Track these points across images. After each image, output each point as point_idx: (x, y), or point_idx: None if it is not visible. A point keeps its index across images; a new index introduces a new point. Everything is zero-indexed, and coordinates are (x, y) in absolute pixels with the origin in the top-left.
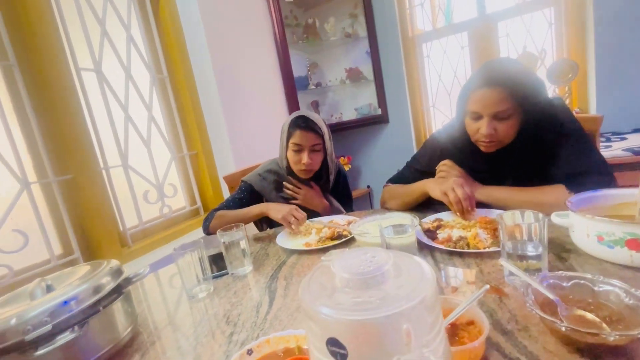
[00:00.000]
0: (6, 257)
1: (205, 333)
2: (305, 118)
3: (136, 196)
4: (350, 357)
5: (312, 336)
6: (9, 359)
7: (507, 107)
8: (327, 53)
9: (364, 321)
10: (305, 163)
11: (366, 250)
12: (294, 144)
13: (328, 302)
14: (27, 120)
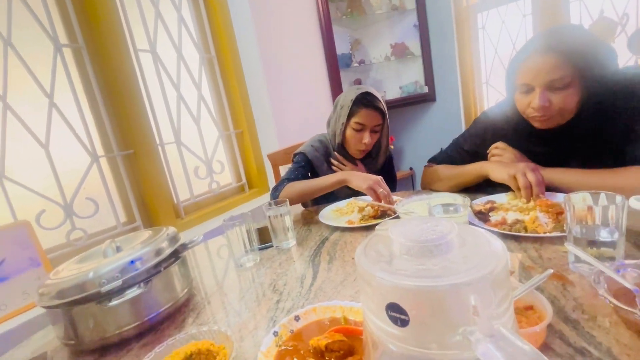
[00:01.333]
0: (81, 221)
1: (253, 299)
2: (372, 95)
3: (188, 171)
4: (412, 324)
5: (369, 301)
6: (89, 307)
7: (563, 75)
8: (371, 28)
9: (428, 288)
10: (366, 143)
11: (426, 219)
12: (356, 122)
13: (388, 267)
14: (94, 100)
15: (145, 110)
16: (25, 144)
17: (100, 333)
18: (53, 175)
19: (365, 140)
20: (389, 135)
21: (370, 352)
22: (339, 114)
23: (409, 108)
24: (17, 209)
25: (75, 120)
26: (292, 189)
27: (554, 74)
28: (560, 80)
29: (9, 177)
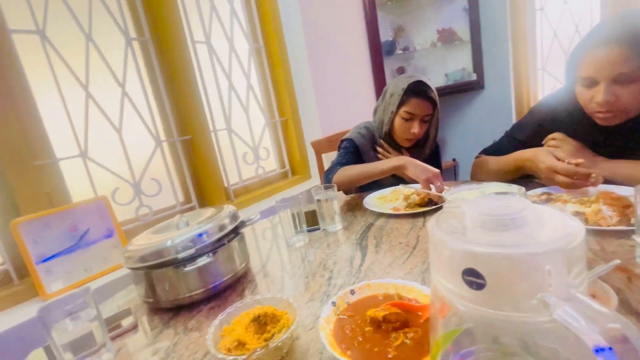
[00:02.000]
0: (147, 199)
1: (306, 274)
2: (425, 84)
3: (237, 157)
4: (488, 288)
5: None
6: (166, 271)
7: (633, 68)
8: (416, 13)
9: (506, 255)
10: (415, 133)
11: (499, 197)
12: (406, 112)
13: (463, 238)
14: (158, 89)
15: (200, 98)
16: (103, 129)
17: (174, 294)
18: (125, 157)
19: (414, 130)
20: (438, 126)
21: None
22: (388, 102)
23: (455, 96)
24: (97, 186)
25: (142, 107)
26: (346, 172)
27: (622, 68)
28: (629, 75)
29: (91, 158)
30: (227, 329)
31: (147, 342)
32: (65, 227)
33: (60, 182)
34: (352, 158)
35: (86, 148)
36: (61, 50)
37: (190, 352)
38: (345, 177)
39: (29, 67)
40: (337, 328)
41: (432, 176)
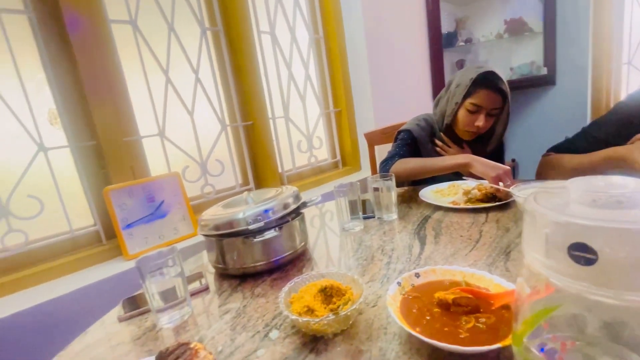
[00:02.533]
0: (211, 178)
1: (365, 257)
2: (495, 76)
3: (292, 144)
4: (599, 263)
5: (540, 244)
6: (235, 240)
7: None
8: (482, 3)
9: (625, 230)
10: (480, 126)
11: (607, 177)
12: (472, 103)
13: (569, 211)
14: (225, 77)
15: (262, 86)
16: (178, 111)
17: (242, 263)
18: (195, 138)
19: (478, 123)
20: (507, 122)
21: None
22: (453, 93)
23: (520, 92)
24: (171, 163)
25: (211, 93)
26: (405, 165)
27: None
28: None
29: (167, 137)
30: (295, 296)
31: (219, 303)
32: (145, 198)
33: (142, 157)
34: (409, 150)
35: (164, 128)
36: (148, 39)
37: (259, 314)
38: (403, 170)
39: (122, 54)
40: (403, 306)
41: (503, 173)
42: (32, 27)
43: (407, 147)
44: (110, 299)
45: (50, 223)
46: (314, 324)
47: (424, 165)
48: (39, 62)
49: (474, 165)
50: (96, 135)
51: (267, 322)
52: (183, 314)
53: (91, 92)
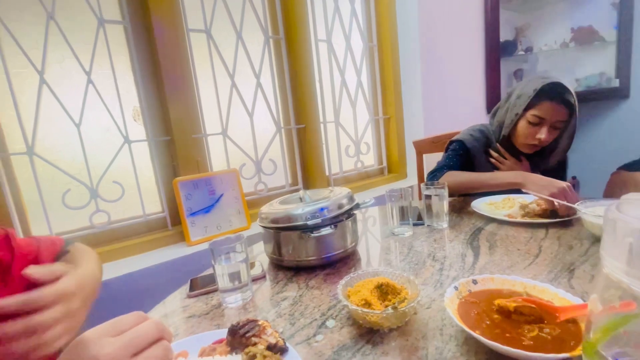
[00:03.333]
0: (264, 177)
1: (416, 262)
2: (562, 87)
3: (341, 148)
4: None
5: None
6: (294, 234)
7: None
8: (546, 10)
9: None
10: (542, 139)
11: None
12: (535, 115)
13: None
14: (283, 82)
15: (316, 92)
16: (239, 112)
17: (296, 256)
18: (252, 138)
19: (540, 136)
20: (573, 135)
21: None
22: (514, 104)
23: (586, 105)
24: (230, 160)
25: (270, 97)
26: (455, 178)
27: None
28: None
29: (229, 136)
30: (351, 290)
31: (276, 290)
32: (207, 190)
33: (205, 153)
34: (460, 161)
35: (226, 127)
36: (219, 46)
37: (315, 304)
38: (453, 182)
39: (196, 59)
40: (461, 310)
41: (558, 192)
42: (127, 35)
43: (457, 158)
44: (173, 279)
45: (128, 207)
46: (373, 316)
47: (476, 180)
48: (129, 66)
49: (527, 186)
50: (170, 132)
51: (323, 312)
52: (245, 297)
53: (169, 93)
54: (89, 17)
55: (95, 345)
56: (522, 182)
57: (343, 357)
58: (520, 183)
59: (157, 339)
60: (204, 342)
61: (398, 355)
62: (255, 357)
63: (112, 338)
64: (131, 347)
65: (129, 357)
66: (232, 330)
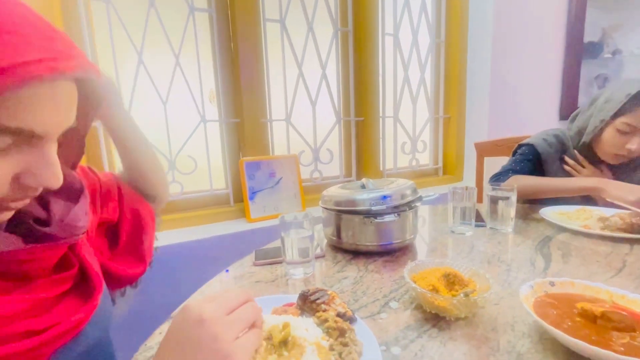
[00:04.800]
0: (320, 165)
1: (479, 260)
2: None
3: (397, 145)
4: None
5: None
6: (357, 218)
7: None
8: None
9: None
10: (633, 149)
11: None
12: (626, 123)
13: None
14: (347, 74)
15: (378, 86)
16: (303, 101)
17: (355, 240)
18: (313, 126)
19: (631, 147)
20: None
21: None
22: (600, 109)
23: None
24: (291, 146)
25: (333, 87)
26: (522, 182)
27: None
28: None
29: (291, 123)
30: (416, 276)
31: (336, 269)
32: (268, 172)
33: (269, 138)
34: (529, 166)
35: (290, 114)
36: (290, 36)
37: (376, 286)
38: (521, 186)
39: (269, 48)
40: (537, 308)
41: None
42: (211, 22)
43: (526, 163)
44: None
45: (199, 180)
46: (442, 300)
47: (546, 185)
48: (210, 51)
49: (607, 190)
50: (241, 114)
51: (385, 294)
52: (307, 272)
53: (243, 78)
54: (182, 6)
55: (197, 307)
56: (601, 186)
57: (409, 336)
58: (599, 187)
59: (245, 301)
60: (275, 303)
61: (467, 343)
62: (327, 321)
63: (209, 302)
64: (225, 307)
65: (224, 314)
66: (302, 296)
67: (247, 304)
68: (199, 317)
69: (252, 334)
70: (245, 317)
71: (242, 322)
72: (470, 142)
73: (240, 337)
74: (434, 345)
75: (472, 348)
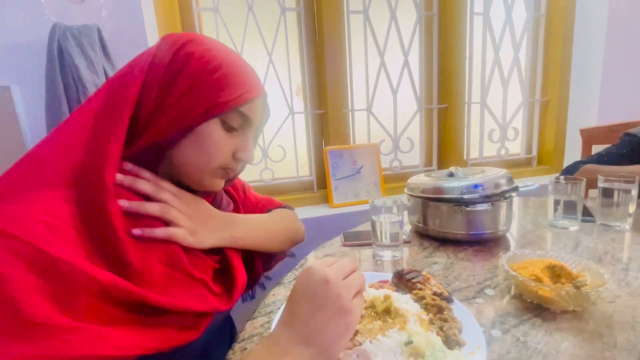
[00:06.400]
0: (400, 154)
1: (588, 257)
2: None
3: (484, 132)
4: None
5: None
6: (446, 206)
7: None
8: None
9: None
10: None
11: None
12: None
13: None
14: (430, 60)
15: (464, 70)
16: (384, 89)
17: (443, 228)
18: (393, 115)
19: None
20: None
21: None
22: None
23: None
24: (371, 135)
25: (415, 75)
26: (591, 174)
27: None
28: None
29: (372, 112)
30: (514, 266)
31: (424, 255)
32: (350, 161)
33: (350, 127)
34: (619, 159)
35: (371, 104)
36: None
37: (468, 273)
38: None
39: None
40: None
41: None
42: (299, 20)
43: (615, 156)
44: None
45: (287, 168)
46: (547, 291)
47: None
48: (297, 47)
49: None
50: (325, 106)
51: (479, 281)
52: (395, 255)
53: (328, 71)
54: (274, 7)
55: (321, 270)
56: None
57: (509, 322)
58: None
59: (354, 269)
60: (370, 279)
61: (577, 336)
62: (424, 299)
63: (328, 267)
64: (342, 272)
65: (342, 278)
66: (398, 274)
67: (356, 271)
68: (324, 278)
69: (361, 297)
70: (357, 283)
71: (355, 286)
72: (573, 129)
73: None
74: (538, 333)
75: (583, 341)
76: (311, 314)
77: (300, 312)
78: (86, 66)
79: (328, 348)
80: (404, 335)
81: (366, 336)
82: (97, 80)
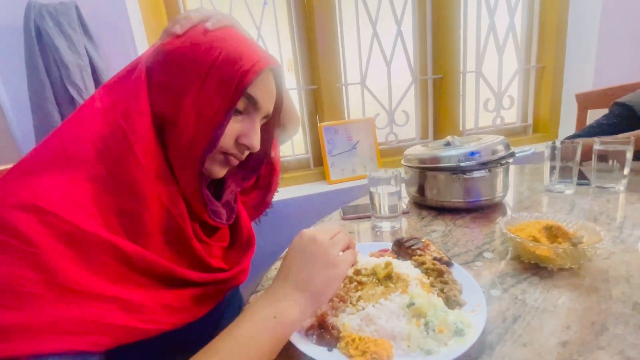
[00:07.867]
0: (396, 127)
1: (584, 218)
2: None
3: (479, 102)
4: None
5: None
6: (444, 175)
7: None
8: None
9: None
10: None
11: None
12: None
13: None
14: (424, 30)
15: (459, 38)
16: (378, 62)
17: (440, 197)
18: (388, 88)
19: None
20: None
21: None
22: None
23: None
24: (366, 109)
25: (409, 44)
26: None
27: None
28: None
29: (366, 86)
30: (512, 229)
31: (423, 224)
32: (345, 136)
33: (344, 102)
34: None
35: (365, 77)
36: None
37: (466, 238)
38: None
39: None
40: None
41: None
42: None
43: (605, 127)
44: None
45: (282, 146)
46: (544, 250)
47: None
48: (287, 20)
49: None
50: (318, 81)
51: (478, 246)
52: (394, 225)
53: (319, 45)
54: None
55: (310, 232)
56: None
57: (507, 282)
58: None
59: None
60: (370, 249)
61: (573, 291)
62: (424, 264)
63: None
64: (328, 234)
65: (328, 238)
66: (398, 242)
67: (341, 232)
68: (313, 238)
69: (349, 253)
70: (341, 241)
71: (340, 243)
72: (569, 95)
73: (342, 253)
74: (536, 290)
75: (579, 296)
76: (302, 267)
77: (293, 266)
78: (67, 47)
79: (318, 293)
80: (406, 298)
81: (369, 301)
82: (80, 61)
